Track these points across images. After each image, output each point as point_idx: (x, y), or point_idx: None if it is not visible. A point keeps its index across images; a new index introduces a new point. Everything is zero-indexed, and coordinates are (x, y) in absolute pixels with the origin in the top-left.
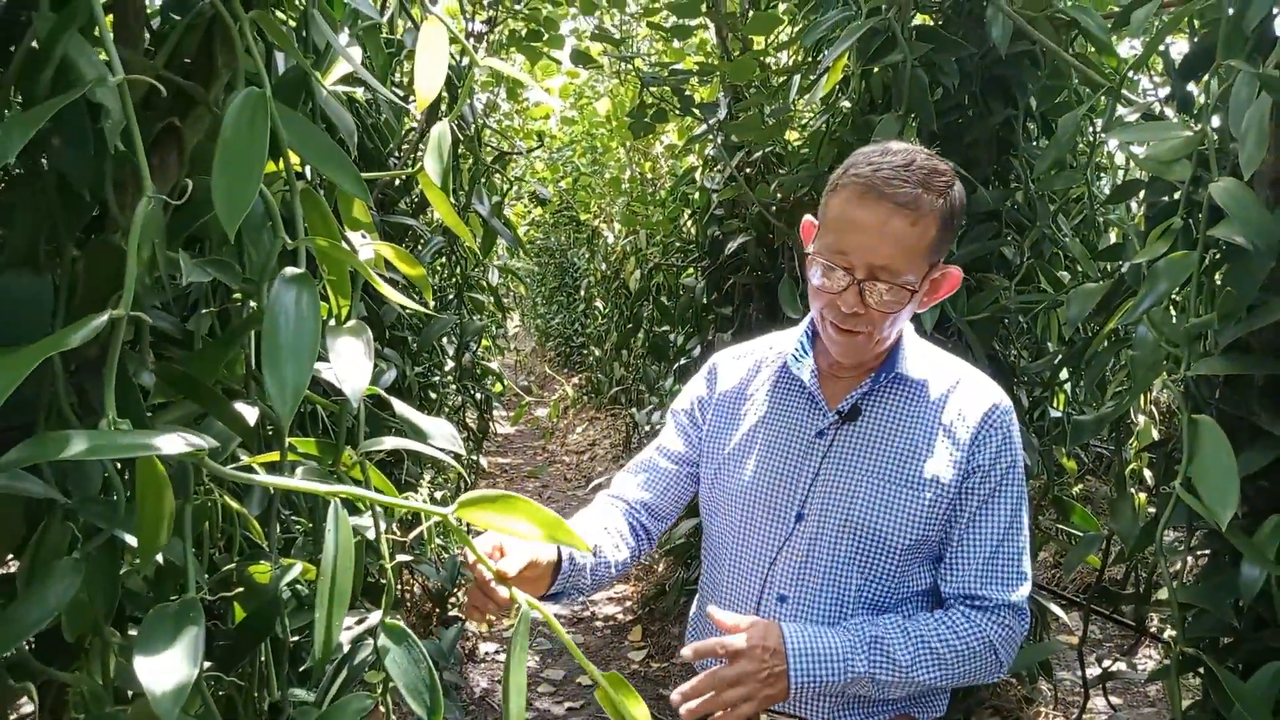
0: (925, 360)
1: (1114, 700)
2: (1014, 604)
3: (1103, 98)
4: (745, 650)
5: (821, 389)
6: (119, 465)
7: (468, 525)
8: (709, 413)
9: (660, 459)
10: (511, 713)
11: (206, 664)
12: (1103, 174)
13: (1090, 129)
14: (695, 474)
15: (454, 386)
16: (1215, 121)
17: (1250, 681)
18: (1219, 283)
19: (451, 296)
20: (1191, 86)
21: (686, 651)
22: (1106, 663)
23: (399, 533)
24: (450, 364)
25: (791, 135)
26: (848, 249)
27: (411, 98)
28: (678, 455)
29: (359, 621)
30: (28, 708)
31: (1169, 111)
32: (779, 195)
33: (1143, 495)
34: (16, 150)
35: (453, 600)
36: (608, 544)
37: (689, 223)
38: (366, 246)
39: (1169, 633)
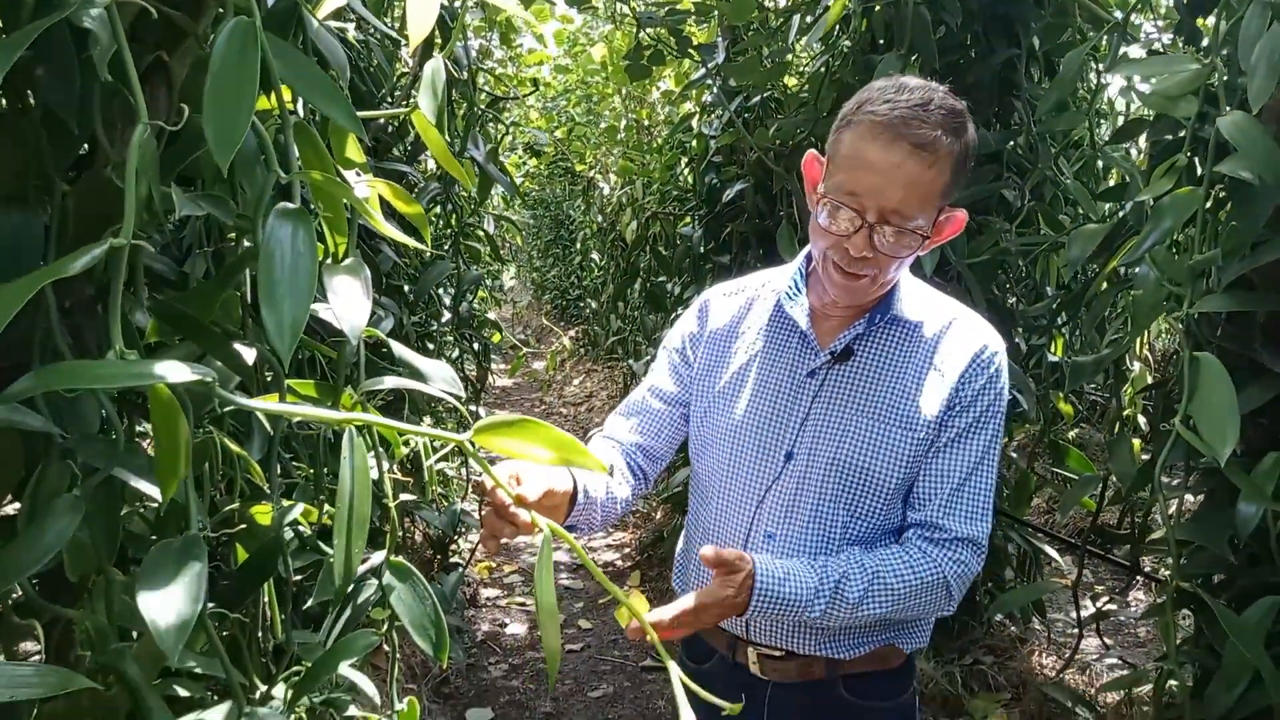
0: (921, 301)
1: (1106, 640)
2: (973, 539)
3: (1105, 37)
4: (700, 608)
5: (814, 328)
6: (117, 403)
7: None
8: (700, 350)
9: (652, 400)
10: (549, 637)
11: (210, 605)
12: (1103, 120)
13: (1093, 71)
14: (687, 413)
15: (451, 337)
16: (1223, 56)
17: (1244, 615)
18: (1223, 219)
19: (447, 245)
20: (1199, 23)
21: (707, 551)
22: (1101, 602)
23: (400, 474)
24: (447, 314)
25: (790, 81)
26: (859, 190)
27: (404, 38)
28: (669, 395)
29: (363, 562)
30: (33, 649)
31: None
32: (778, 140)
33: (1137, 440)
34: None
35: (453, 547)
36: (614, 481)
37: (686, 171)
38: (362, 183)
39: (1163, 572)
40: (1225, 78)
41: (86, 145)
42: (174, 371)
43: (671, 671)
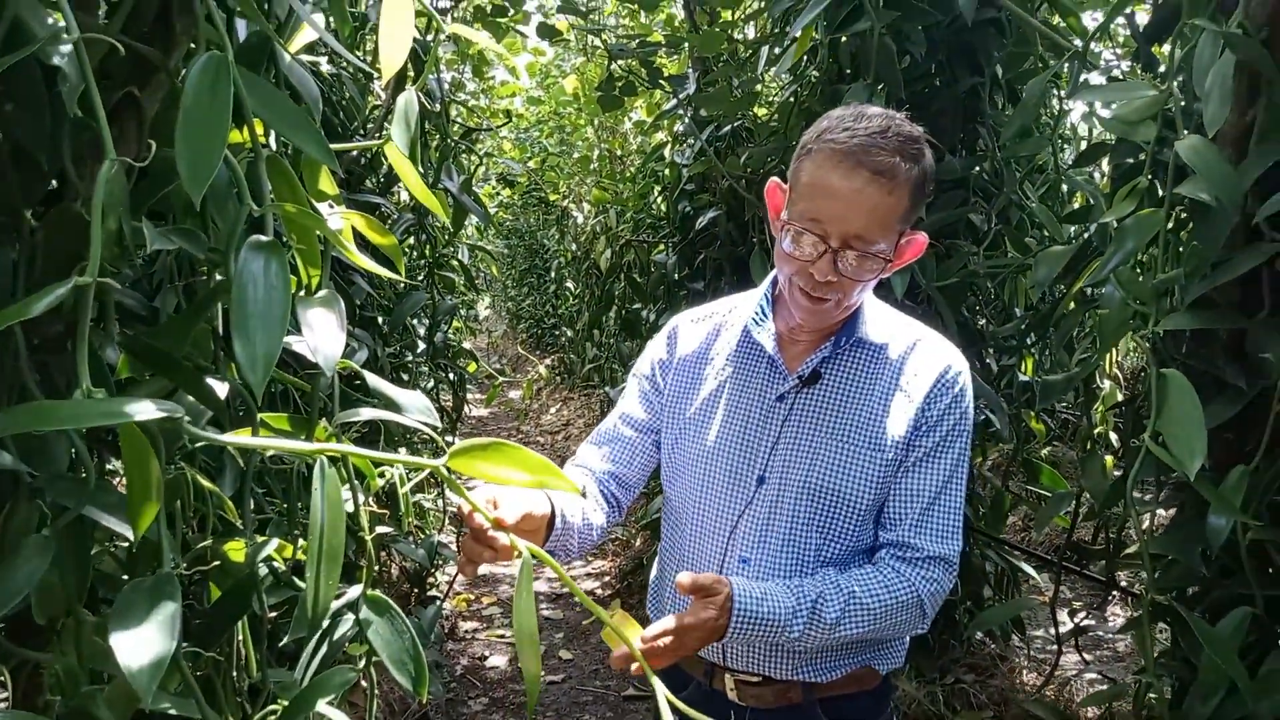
0: (885, 324)
1: (1086, 656)
2: (944, 558)
3: (1066, 65)
4: (682, 629)
5: (782, 353)
6: (86, 441)
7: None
8: (669, 376)
9: (623, 427)
10: (528, 662)
11: (184, 644)
12: (1066, 145)
13: (1055, 96)
14: (659, 440)
15: (426, 367)
16: (1179, 82)
17: (1218, 627)
18: (1184, 240)
19: (422, 276)
20: (1155, 49)
21: (684, 577)
22: (1079, 618)
23: (376, 507)
24: (422, 345)
25: (760, 111)
26: (822, 217)
27: (377, 71)
28: (640, 423)
29: (338, 596)
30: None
31: (1131, 79)
32: (749, 168)
33: (1109, 457)
34: None
35: (431, 580)
36: (588, 506)
37: (659, 199)
38: (335, 216)
39: (1138, 586)
40: (1182, 103)
41: (55, 181)
42: (142, 409)
43: (657, 689)
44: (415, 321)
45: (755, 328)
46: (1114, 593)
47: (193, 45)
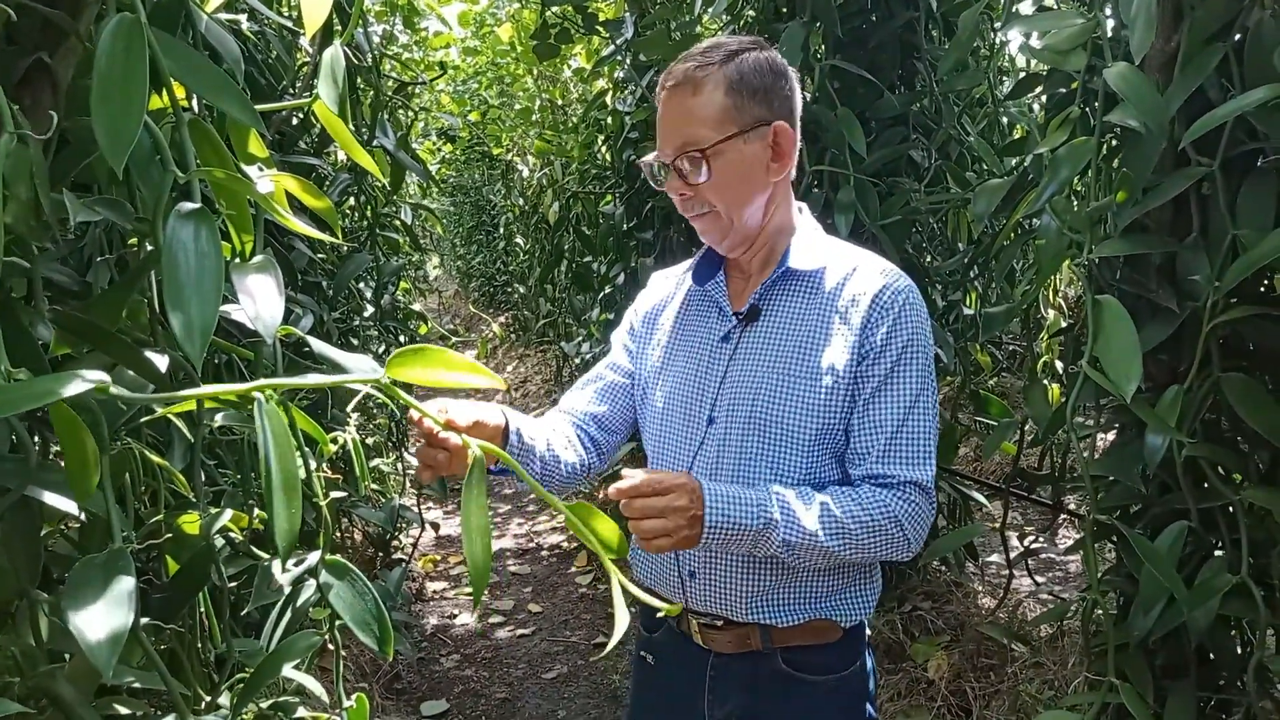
0: (819, 252)
1: (1038, 579)
2: (919, 482)
3: None
4: (678, 484)
5: (729, 296)
6: (27, 421)
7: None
8: (638, 330)
9: (607, 372)
10: (476, 552)
11: (145, 619)
12: (1005, 77)
13: (990, 29)
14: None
15: (376, 331)
16: (1107, 10)
17: (1157, 542)
18: (1116, 167)
19: (365, 237)
20: None
21: (611, 490)
22: (1027, 541)
23: (330, 473)
24: (370, 308)
25: None
26: (660, 144)
27: (302, 28)
28: (623, 369)
29: (298, 563)
30: None
31: (1063, 7)
32: None
33: (1055, 386)
34: None
35: (395, 544)
36: (557, 441)
37: (603, 148)
38: (265, 179)
39: (1084, 508)
40: (1110, 32)
41: None
42: (69, 384)
43: (612, 574)
44: (361, 285)
45: (701, 275)
46: (1062, 516)
47: (103, 6)
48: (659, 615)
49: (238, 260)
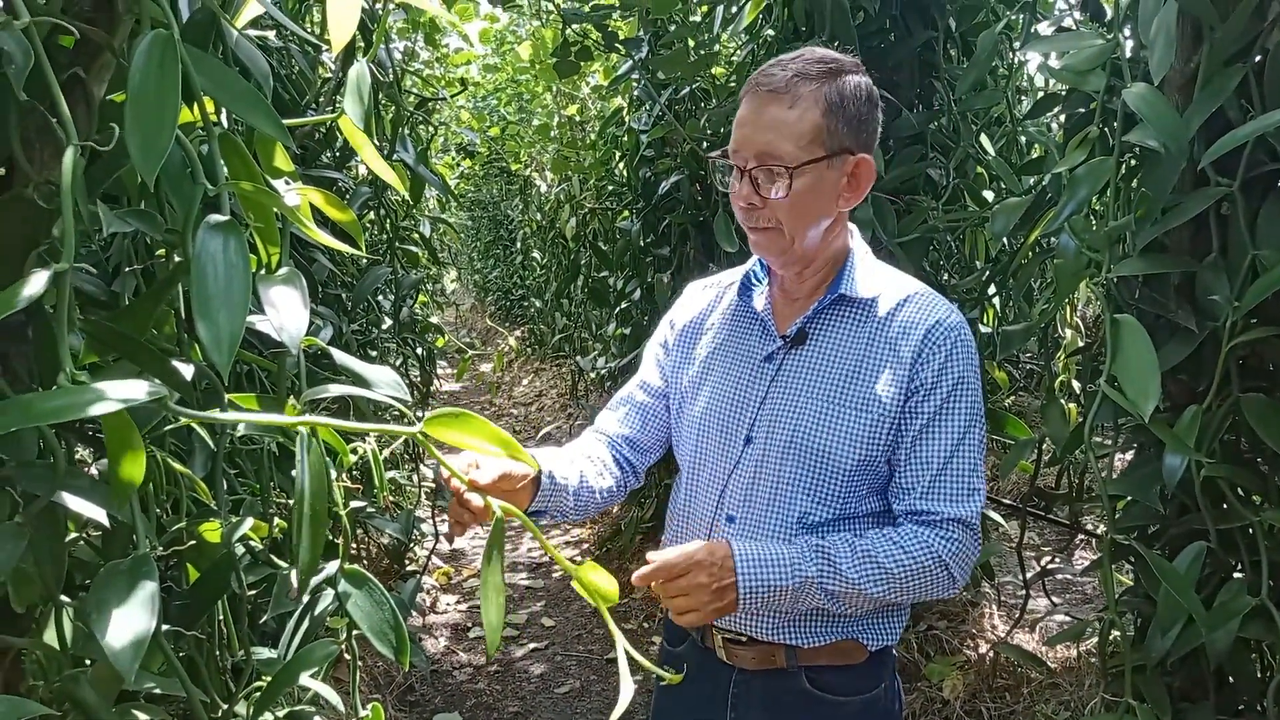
0: (875, 279)
1: (1055, 599)
2: (963, 519)
3: (1019, 15)
4: (695, 563)
5: (774, 315)
6: (55, 428)
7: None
8: (674, 341)
9: (637, 392)
10: (490, 610)
11: (165, 626)
12: (1023, 96)
13: (1009, 49)
14: (668, 405)
15: (394, 343)
16: (1126, 31)
17: (1175, 562)
18: (1135, 187)
19: (384, 250)
20: None
21: (635, 578)
22: (1044, 561)
23: (350, 483)
24: (388, 321)
25: (718, 71)
26: (737, 146)
27: (326, 43)
28: (653, 388)
29: (317, 572)
30: None
31: (1082, 27)
32: (708, 130)
33: (1073, 405)
34: None
35: (410, 556)
36: (590, 470)
37: (620, 165)
38: (292, 193)
39: (1101, 528)
40: (1129, 52)
41: (3, 166)
42: (131, 391)
43: (617, 640)
44: (380, 297)
45: (747, 291)
46: (1079, 536)
47: (137, 23)
48: (684, 634)
49: (263, 272)
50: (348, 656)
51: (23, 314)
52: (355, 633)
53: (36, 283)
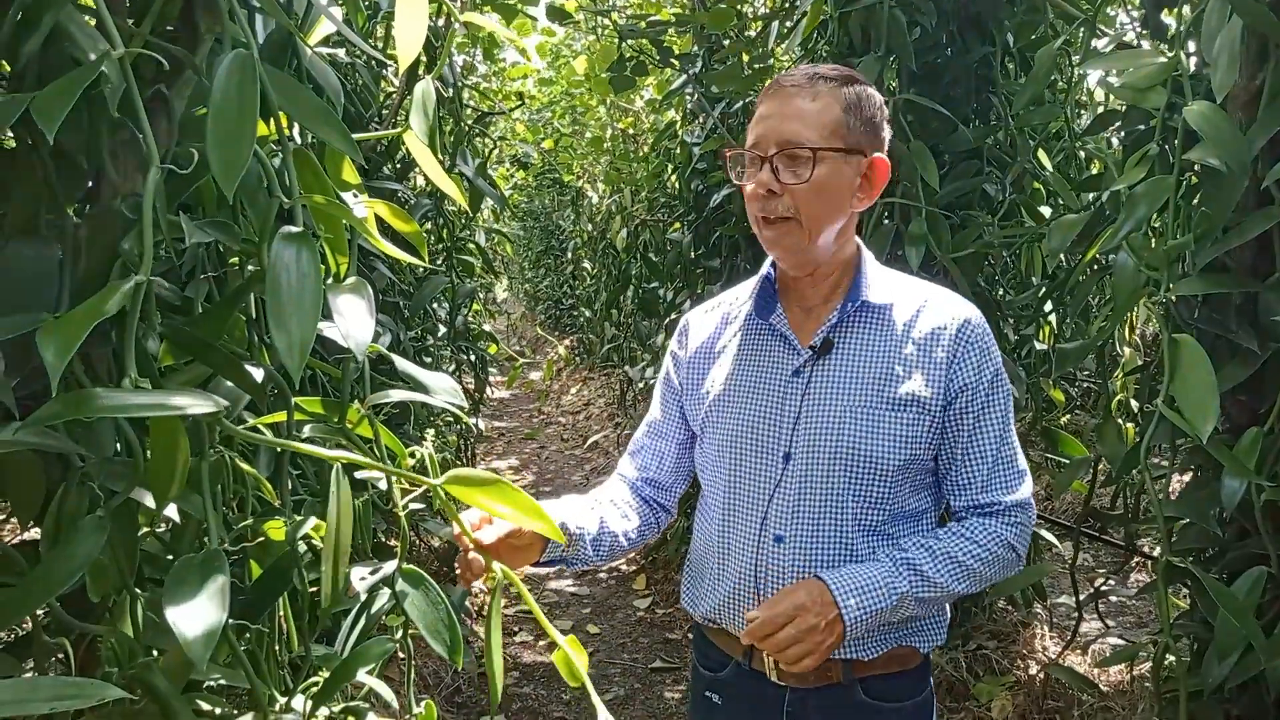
0: (889, 285)
1: (1108, 621)
2: (1020, 502)
3: (1078, 30)
4: (799, 606)
5: (792, 328)
6: (132, 425)
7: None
8: (684, 372)
9: (647, 438)
10: (494, 666)
11: (230, 619)
12: (1082, 110)
13: (1068, 64)
14: (684, 439)
15: (448, 350)
16: (1189, 47)
17: (1233, 587)
18: (1195, 205)
19: (441, 260)
20: (1164, 15)
21: (743, 637)
22: (1098, 582)
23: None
24: (443, 328)
25: None
26: (757, 139)
27: (391, 59)
28: (663, 429)
29: (373, 571)
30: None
31: (1144, 43)
32: None
33: (1130, 425)
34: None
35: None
36: (612, 514)
37: (672, 177)
38: (360, 205)
39: (1156, 550)
40: (1190, 69)
41: (92, 179)
42: (194, 403)
43: (597, 706)
44: (436, 305)
45: (759, 307)
46: (1135, 558)
47: (218, 42)
48: (725, 658)
49: (331, 281)
50: (402, 654)
51: (107, 318)
52: (411, 630)
53: (121, 294)
